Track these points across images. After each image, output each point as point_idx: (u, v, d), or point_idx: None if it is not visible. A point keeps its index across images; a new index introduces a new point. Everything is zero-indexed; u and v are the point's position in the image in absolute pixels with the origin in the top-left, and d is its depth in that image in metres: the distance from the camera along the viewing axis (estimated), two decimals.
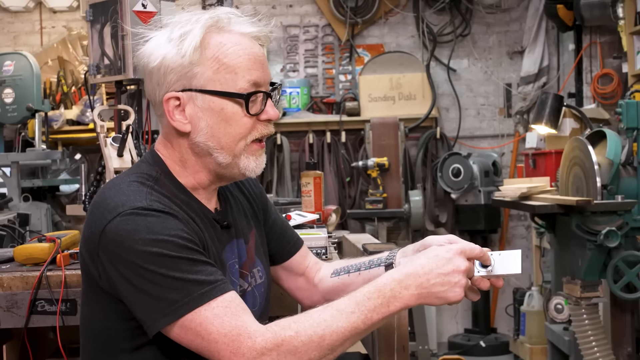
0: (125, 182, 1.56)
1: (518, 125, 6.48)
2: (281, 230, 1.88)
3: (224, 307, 1.43)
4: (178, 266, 1.44)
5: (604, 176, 3.51)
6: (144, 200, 1.50)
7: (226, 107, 1.56)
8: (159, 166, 1.61)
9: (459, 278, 1.51)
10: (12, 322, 2.00)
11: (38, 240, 2.15)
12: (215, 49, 1.55)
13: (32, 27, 6.54)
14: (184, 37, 1.55)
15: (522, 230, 6.54)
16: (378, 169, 5.95)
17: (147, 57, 1.59)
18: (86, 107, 6.05)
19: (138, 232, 1.45)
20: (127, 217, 1.46)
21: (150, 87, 1.61)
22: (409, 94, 6.36)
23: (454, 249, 1.53)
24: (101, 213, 1.50)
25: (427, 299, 1.49)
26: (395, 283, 1.48)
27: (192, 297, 1.43)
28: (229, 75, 1.55)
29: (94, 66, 3.09)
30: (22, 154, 5.31)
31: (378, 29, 6.56)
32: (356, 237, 2.71)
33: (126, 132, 2.45)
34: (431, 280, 1.49)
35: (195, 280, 1.44)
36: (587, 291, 3.49)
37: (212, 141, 1.57)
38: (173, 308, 1.43)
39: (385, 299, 1.47)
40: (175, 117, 1.57)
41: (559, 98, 4.75)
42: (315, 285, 1.88)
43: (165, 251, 1.44)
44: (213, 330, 1.42)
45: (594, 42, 6.00)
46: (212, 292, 1.44)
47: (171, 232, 1.46)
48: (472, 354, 5.74)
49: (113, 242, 1.46)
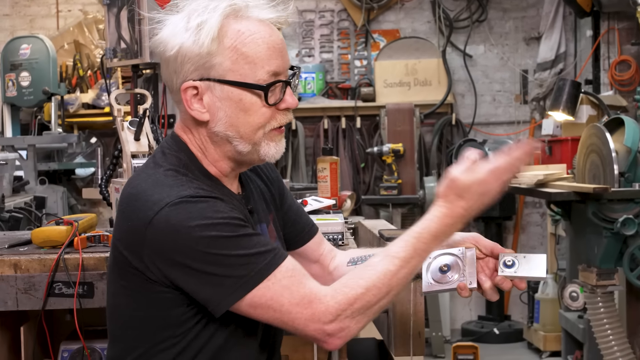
0: (159, 172, 1.55)
1: (534, 112, 6.44)
2: (296, 216, 1.87)
3: (290, 277, 1.46)
4: (238, 244, 1.45)
5: (622, 164, 3.48)
6: (187, 188, 1.49)
7: (245, 97, 1.54)
8: (185, 152, 1.60)
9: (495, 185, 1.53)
10: (29, 304, 2.01)
11: (55, 223, 2.16)
12: (234, 38, 1.53)
13: (48, 11, 6.55)
14: (201, 26, 1.52)
15: (537, 217, 6.52)
16: (393, 155, 5.94)
17: (163, 45, 1.56)
18: (102, 91, 6.06)
19: (192, 219, 1.45)
20: (176, 207, 1.46)
21: (167, 74, 1.59)
22: (424, 80, 6.33)
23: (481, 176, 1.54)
24: (143, 205, 1.49)
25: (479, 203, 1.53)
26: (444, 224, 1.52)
27: (258, 268, 1.45)
28: (248, 65, 1.53)
29: (111, 50, 3.09)
30: (39, 137, 5.34)
31: (394, 14, 6.53)
32: (372, 223, 2.71)
33: (143, 116, 2.45)
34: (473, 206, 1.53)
35: (257, 253, 1.46)
36: (602, 279, 3.47)
37: (230, 130, 1.56)
38: (241, 283, 1.44)
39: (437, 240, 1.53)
40: (193, 106, 1.56)
41: (577, 84, 4.72)
42: (330, 272, 1.87)
43: (223, 233, 1.45)
44: (285, 302, 1.45)
45: (611, 28, 5.94)
46: (274, 260, 1.46)
47: (224, 214, 1.47)
48: (485, 340, 5.73)
49: (164, 233, 1.45)
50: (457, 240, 1.67)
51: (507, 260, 1.63)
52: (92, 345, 2.17)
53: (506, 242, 6.43)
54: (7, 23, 6.52)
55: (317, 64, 6.43)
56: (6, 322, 2.14)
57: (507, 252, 1.65)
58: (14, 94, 5.17)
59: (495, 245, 1.67)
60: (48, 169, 5.48)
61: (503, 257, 1.64)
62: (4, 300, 2.00)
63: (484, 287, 1.65)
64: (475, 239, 1.68)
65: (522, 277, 1.61)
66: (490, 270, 1.68)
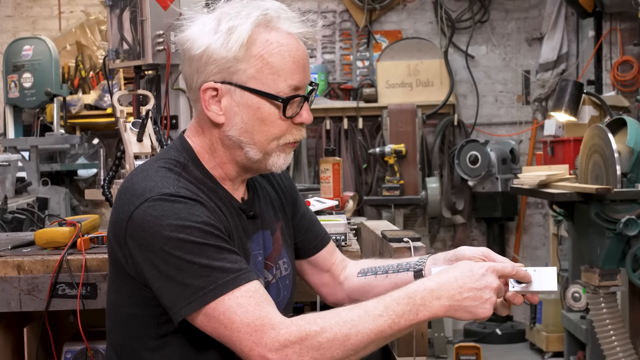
0: (153, 167, 1.56)
1: (536, 113, 6.44)
2: (309, 224, 1.87)
3: (248, 297, 1.43)
4: (204, 253, 1.44)
5: (624, 164, 3.48)
6: (171, 186, 1.50)
7: (263, 107, 1.55)
8: (187, 152, 1.61)
9: (491, 295, 1.49)
10: (32, 306, 2.01)
11: (58, 224, 2.16)
12: (262, 48, 1.53)
13: (50, 12, 6.55)
14: (232, 31, 1.52)
15: (540, 218, 6.51)
16: (395, 155, 5.94)
17: (190, 42, 1.57)
18: (104, 92, 6.06)
19: (165, 217, 1.45)
20: (154, 203, 1.46)
21: (189, 71, 1.59)
22: (426, 81, 6.33)
23: (487, 266, 1.52)
24: (128, 199, 1.51)
25: (456, 312, 1.48)
26: (427, 292, 1.47)
27: (217, 284, 1.43)
28: (272, 76, 1.54)
29: (113, 51, 3.09)
30: (41, 138, 5.34)
31: (396, 15, 6.53)
32: (375, 224, 2.70)
33: (146, 117, 2.45)
34: (464, 293, 1.47)
35: (220, 268, 1.44)
36: (605, 280, 3.47)
37: (244, 136, 1.57)
38: (198, 295, 1.43)
39: (414, 306, 1.45)
40: (211, 107, 1.56)
41: (579, 85, 4.71)
42: (341, 283, 1.87)
43: (192, 237, 1.44)
44: (236, 320, 1.42)
45: (614, 29, 5.94)
46: (236, 280, 1.44)
47: (198, 219, 1.46)
48: (488, 341, 5.73)
49: (140, 227, 1.47)
50: (467, 256, 1.66)
51: None
52: (96, 346, 2.17)
53: (508, 243, 6.43)
54: (9, 24, 6.52)
55: (319, 65, 6.43)
56: (9, 324, 2.14)
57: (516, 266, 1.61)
58: (17, 95, 5.17)
59: (505, 260, 1.64)
60: (50, 170, 5.49)
61: None
62: (7, 302, 2.00)
63: None
64: (484, 254, 1.66)
65: (534, 292, 1.58)
66: None
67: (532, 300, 1.60)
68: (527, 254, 6.47)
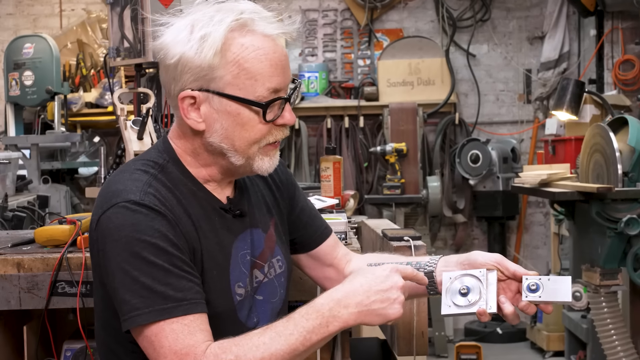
0: (130, 169, 1.56)
1: (537, 112, 6.43)
2: (308, 218, 1.85)
3: (183, 325, 1.43)
4: (150, 273, 1.44)
5: (625, 163, 3.48)
6: (138, 192, 1.49)
7: (243, 112, 1.53)
8: (168, 153, 1.60)
9: (398, 294, 1.49)
10: (32, 304, 2.01)
11: (58, 222, 2.16)
12: (237, 53, 1.51)
13: (51, 10, 6.55)
14: (205, 39, 1.50)
15: (540, 217, 6.51)
16: (396, 154, 5.93)
17: (164, 51, 1.54)
18: (105, 90, 6.06)
19: (123, 228, 1.45)
20: (118, 210, 1.47)
21: (166, 79, 1.58)
22: (427, 79, 6.33)
23: (390, 267, 1.52)
24: (100, 202, 1.52)
25: (367, 317, 1.48)
26: (333, 302, 1.47)
27: (153, 309, 1.43)
28: (249, 81, 1.51)
29: (114, 49, 3.09)
30: (42, 137, 5.34)
31: (397, 13, 6.52)
32: (375, 223, 2.70)
33: (146, 115, 2.45)
34: (371, 297, 1.47)
35: (162, 294, 1.43)
36: (606, 279, 3.47)
37: (225, 143, 1.55)
38: (132, 315, 1.43)
39: (324, 318, 1.46)
40: (190, 115, 1.55)
41: (580, 84, 4.71)
42: (345, 276, 1.85)
43: (144, 253, 1.44)
44: (165, 345, 1.43)
45: (615, 28, 5.93)
46: (174, 310, 1.43)
47: (155, 233, 1.45)
48: (488, 340, 5.73)
49: (102, 233, 1.48)
50: (480, 261, 1.64)
51: (530, 284, 1.57)
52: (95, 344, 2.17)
53: (509, 242, 6.43)
54: (10, 22, 6.52)
55: (320, 63, 6.42)
56: (9, 322, 2.14)
57: (530, 274, 1.59)
58: (17, 93, 5.17)
59: (518, 268, 1.62)
60: (51, 168, 5.48)
61: (527, 280, 1.58)
62: (7, 300, 2.00)
63: (505, 312, 1.59)
64: (497, 261, 1.63)
65: (547, 302, 1.56)
66: (512, 292, 1.64)
67: (546, 310, 1.58)
68: (527, 253, 6.47)
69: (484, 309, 1.57)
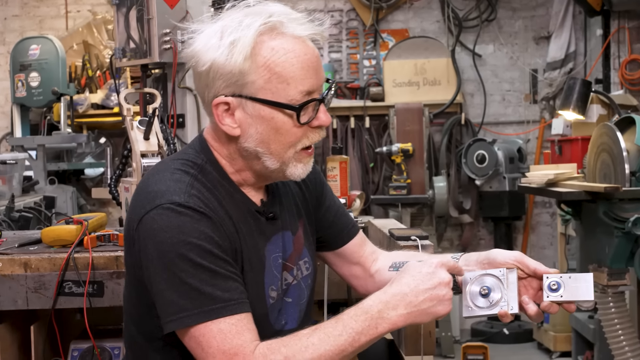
0: (169, 168, 1.55)
1: (544, 112, 6.42)
2: (335, 217, 1.84)
3: (231, 324, 1.44)
4: (197, 274, 1.43)
5: (633, 163, 3.46)
6: (182, 194, 1.48)
7: (277, 116, 1.52)
8: (206, 154, 1.59)
9: (446, 291, 1.49)
10: (39, 303, 2.02)
11: (65, 223, 2.16)
12: (267, 57, 1.50)
13: (57, 11, 6.56)
14: (234, 44, 1.49)
15: (547, 217, 6.49)
16: (402, 154, 5.92)
17: (195, 59, 1.54)
18: (111, 91, 6.07)
19: (169, 229, 1.44)
20: (162, 212, 1.46)
21: (199, 86, 1.58)
22: (433, 80, 6.32)
23: (435, 262, 1.51)
24: (141, 201, 1.50)
25: (417, 317, 1.48)
26: (382, 304, 1.47)
27: (202, 310, 1.43)
28: (281, 85, 1.50)
29: (120, 50, 3.10)
30: (48, 137, 5.36)
31: (403, 13, 6.51)
32: (382, 222, 2.69)
33: (152, 115, 2.45)
34: (419, 296, 1.47)
35: (209, 295, 1.43)
36: (613, 279, 3.45)
37: (261, 147, 1.54)
38: (180, 316, 1.44)
39: (372, 320, 1.46)
40: (225, 121, 1.54)
41: (587, 84, 4.69)
42: (372, 275, 1.85)
43: (190, 255, 1.43)
44: (213, 345, 1.43)
45: (622, 27, 5.92)
46: (222, 310, 1.44)
47: (200, 235, 1.45)
48: (495, 341, 5.71)
49: (146, 234, 1.47)
50: (499, 261, 1.63)
51: (552, 283, 1.56)
52: (102, 344, 2.17)
53: (516, 242, 6.41)
54: (16, 24, 6.53)
55: (325, 64, 6.42)
56: (16, 322, 2.14)
57: (551, 272, 1.58)
58: (24, 94, 5.18)
59: (538, 265, 1.61)
60: (57, 169, 5.49)
61: (547, 279, 1.56)
62: (14, 299, 2.01)
63: (529, 312, 1.58)
64: (517, 258, 1.62)
65: (569, 302, 1.54)
66: (534, 290, 1.63)
67: (569, 309, 1.56)
68: (534, 254, 6.45)
69: (505, 310, 1.55)
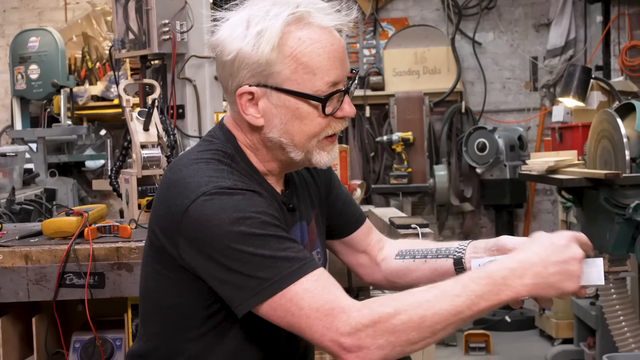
0: (202, 159, 1.53)
1: (544, 99, 6.41)
2: (343, 205, 1.83)
3: (314, 281, 1.38)
4: (267, 244, 1.40)
5: (633, 149, 3.46)
6: (227, 179, 1.47)
7: (302, 107, 1.51)
8: (232, 144, 1.58)
9: (577, 267, 1.41)
10: (41, 295, 2.02)
11: (66, 214, 2.16)
12: (294, 47, 1.49)
13: (56, 3, 6.55)
14: (261, 34, 1.48)
15: (548, 204, 6.49)
16: (403, 143, 5.92)
17: (220, 48, 1.53)
18: (111, 83, 6.07)
19: (225, 210, 1.41)
20: (212, 197, 1.43)
21: (223, 75, 1.56)
22: (433, 68, 6.31)
23: (569, 235, 1.44)
24: (181, 192, 1.47)
25: (543, 290, 1.40)
26: (507, 271, 1.39)
27: (282, 275, 1.39)
28: (307, 75, 1.49)
29: (119, 41, 3.09)
30: (48, 130, 5.36)
31: (402, 2, 6.50)
32: (382, 211, 2.70)
33: (152, 106, 2.45)
34: (549, 268, 1.40)
35: (285, 257, 1.40)
36: (615, 265, 3.45)
37: (285, 137, 1.53)
38: (264, 287, 1.39)
39: (495, 286, 1.37)
40: (248, 110, 1.53)
41: (587, 70, 4.68)
42: (378, 263, 1.84)
43: (253, 229, 1.40)
44: (304, 305, 1.37)
45: (622, 14, 5.90)
46: (302, 269, 1.39)
47: (258, 209, 1.43)
48: (497, 329, 5.72)
49: (197, 222, 1.43)
50: (508, 246, 1.62)
51: None
52: (104, 335, 2.18)
53: (517, 230, 6.42)
54: (15, 16, 6.53)
55: None
56: (18, 314, 2.15)
57: None
58: (24, 86, 5.18)
59: None
60: (58, 162, 5.49)
61: None
62: (15, 292, 2.01)
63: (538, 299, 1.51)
64: None
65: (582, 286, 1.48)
66: None
67: (580, 294, 1.50)
68: None
69: None
